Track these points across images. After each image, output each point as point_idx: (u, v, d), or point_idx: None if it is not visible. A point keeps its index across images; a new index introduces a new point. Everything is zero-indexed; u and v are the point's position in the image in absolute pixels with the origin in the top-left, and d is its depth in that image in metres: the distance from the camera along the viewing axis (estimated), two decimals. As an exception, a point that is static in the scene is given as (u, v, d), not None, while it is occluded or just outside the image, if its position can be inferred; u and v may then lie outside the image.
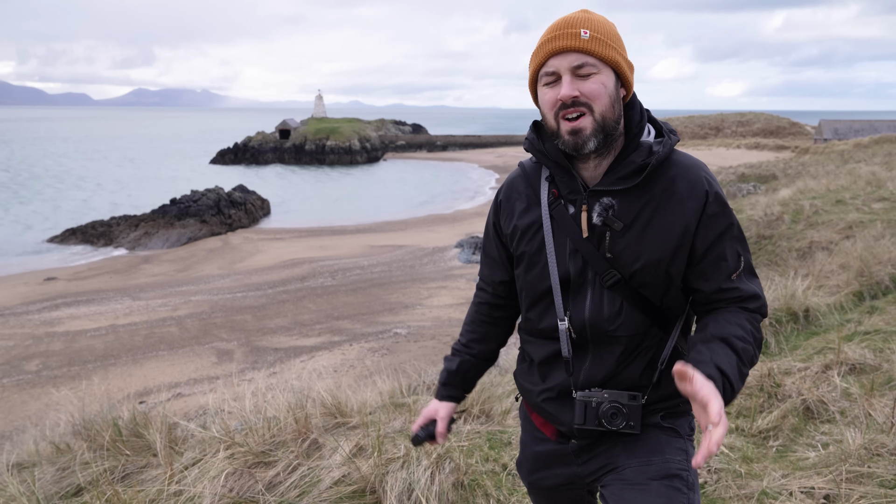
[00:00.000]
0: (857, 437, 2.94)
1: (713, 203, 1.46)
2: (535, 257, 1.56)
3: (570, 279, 1.52)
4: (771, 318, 5.16)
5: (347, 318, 16.40)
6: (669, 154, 1.49)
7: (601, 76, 1.40)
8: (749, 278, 1.50)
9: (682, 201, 1.45)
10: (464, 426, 3.72)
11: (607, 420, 1.51)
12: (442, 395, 1.82)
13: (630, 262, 1.47)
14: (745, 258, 1.50)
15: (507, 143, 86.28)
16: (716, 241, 1.47)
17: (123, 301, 18.68)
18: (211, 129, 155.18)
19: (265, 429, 3.26)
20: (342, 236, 28.80)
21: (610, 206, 1.46)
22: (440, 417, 1.79)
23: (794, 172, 26.32)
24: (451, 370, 1.81)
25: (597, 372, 1.54)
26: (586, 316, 1.51)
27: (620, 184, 1.45)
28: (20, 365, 13.71)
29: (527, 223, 1.57)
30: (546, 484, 1.72)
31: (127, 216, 30.57)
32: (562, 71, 1.40)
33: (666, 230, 1.45)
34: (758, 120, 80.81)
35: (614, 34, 1.44)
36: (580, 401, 1.53)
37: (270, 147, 69.98)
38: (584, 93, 1.39)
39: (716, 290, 1.49)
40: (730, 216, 1.49)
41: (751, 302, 1.49)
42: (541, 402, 1.65)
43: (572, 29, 1.39)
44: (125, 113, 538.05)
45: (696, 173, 1.48)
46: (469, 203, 39.00)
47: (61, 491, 3.20)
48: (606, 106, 1.41)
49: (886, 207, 11.62)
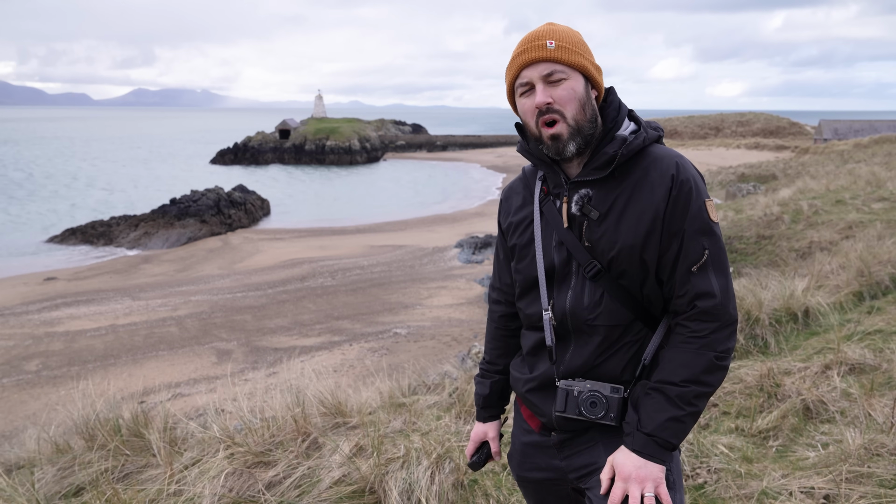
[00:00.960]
0: (857, 437, 2.94)
1: (680, 187, 1.49)
2: (525, 249, 1.66)
3: (555, 270, 1.59)
4: (771, 318, 5.15)
5: (347, 318, 16.40)
6: (646, 146, 1.55)
7: (570, 81, 1.51)
8: (712, 274, 1.50)
9: (652, 187, 1.51)
10: (464, 426, 3.73)
11: (586, 409, 1.55)
12: (484, 417, 1.91)
13: (607, 250, 1.53)
14: (710, 252, 1.49)
15: (507, 143, 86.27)
16: (679, 230, 1.50)
17: (123, 301, 18.68)
18: (211, 130, 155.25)
19: (265, 429, 3.26)
20: (342, 236, 28.80)
21: (586, 196, 1.54)
22: (491, 439, 1.89)
23: (793, 172, 26.34)
24: (486, 394, 1.89)
25: (577, 361, 1.59)
26: (567, 305, 1.58)
27: (595, 174, 1.54)
28: (20, 365, 13.71)
29: (520, 218, 1.69)
30: (533, 477, 1.77)
31: (127, 216, 30.55)
32: (534, 80, 1.52)
33: (638, 216, 1.50)
34: (758, 120, 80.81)
35: (579, 41, 1.54)
36: (562, 389, 1.59)
37: (270, 147, 69.98)
38: (556, 99, 1.50)
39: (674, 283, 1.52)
40: (698, 206, 1.50)
41: (703, 300, 1.49)
42: (526, 392, 1.72)
43: (539, 41, 1.51)
44: (125, 113, 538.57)
45: (669, 161, 1.52)
46: (469, 203, 39.00)
47: (61, 491, 3.20)
48: (577, 109, 1.51)
49: (886, 207, 11.62)
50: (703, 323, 1.49)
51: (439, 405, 4.29)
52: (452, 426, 3.75)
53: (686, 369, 1.48)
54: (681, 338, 1.51)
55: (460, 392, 4.36)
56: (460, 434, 3.53)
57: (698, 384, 1.47)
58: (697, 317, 1.49)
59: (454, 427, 3.72)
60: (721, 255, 1.51)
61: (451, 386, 4.77)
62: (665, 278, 1.54)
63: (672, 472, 1.54)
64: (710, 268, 1.50)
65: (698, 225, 1.49)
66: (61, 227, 30.15)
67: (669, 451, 1.49)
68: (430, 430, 3.64)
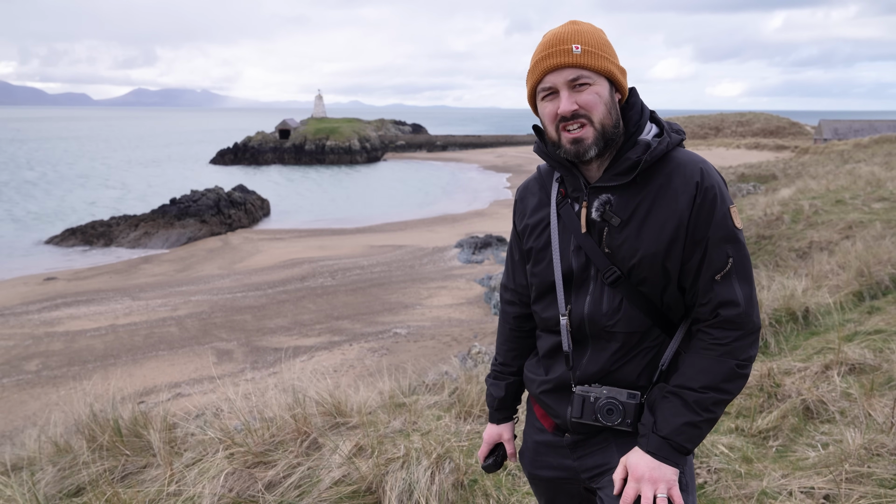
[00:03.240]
0: (857, 437, 2.94)
1: (704, 195, 1.46)
2: (541, 253, 1.63)
3: (573, 274, 1.57)
4: (771, 318, 5.16)
5: (347, 318, 16.39)
6: (669, 151, 1.51)
7: (596, 87, 1.47)
8: (736, 283, 1.47)
9: (676, 195, 1.47)
10: (464, 426, 3.72)
11: (603, 416, 1.54)
12: (498, 419, 1.88)
13: (628, 257, 1.50)
14: (734, 260, 1.47)
15: (507, 143, 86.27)
16: (703, 238, 1.47)
17: (123, 301, 18.67)
18: (211, 130, 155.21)
19: (265, 429, 3.26)
20: (342, 236, 28.79)
21: (608, 202, 1.51)
22: (506, 440, 1.88)
23: (793, 172, 26.33)
24: (501, 397, 1.86)
25: (594, 367, 1.57)
26: (585, 311, 1.56)
27: (617, 180, 1.50)
28: (20, 365, 13.71)
29: (536, 220, 1.65)
30: (544, 476, 1.76)
31: (127, 216, 30.53)
32: (559, 86, 1.48)
33: (661, 224, 1.47)
34: (758, 120, 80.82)
35: (604, 43, 1.50)
36: (578, 395, 1.57)
37: (270, 147, 69.94)
38: (581, 105, 1.47)
39: (698, 288, 1.49)
40: (722, 213, 1.47)
41: (726, 308, 1.46)
42: (539, 393, 1.71)
43: (564, 45, 1.46)
44: (126, 113, 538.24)
45: (693, 167, 1.49)
46: (469, 203, 38.97)
47: (61, 491, 3.20)
48: (604, 114, 1.47)
49: (886, 207, 11.62)
50: (726, 331, 1.47)
51: (439, 405, 4.29)
52: (452, 426, 3.75)
53: (706, 375, 1.46)
54: (702, 343, 1.49)
55: (460, 392, 4.36)
56: (460, 434, 3.53)
57: (717, 391, 1.46)
58: (720, 325, 1.47)
59: (454, 427, 3.72)
60: (745, 262, 1.48)
61: (451, 386, 4.77)
62: (688, 286, 1.52)
63: (685, 475, 1.53)
64: (734, 276, 1.47)
65: (723, 233, 1.46)
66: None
67: (684, 455, 1.48)
68: (430, 430, 3.64)
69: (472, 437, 3.49)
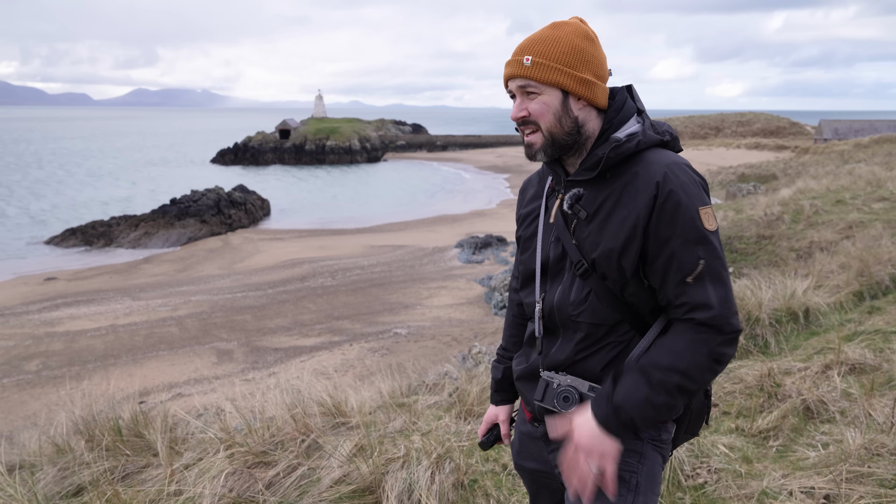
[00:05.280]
0: (857, 437, 2.94)
1: (667, 195, 1.44)
2: (528, 242, 1.72)
3: (549, 264, 1.64)
4: (771, 318, 5.15)
5: (347, 318, 16.40)
6: (641, 150, 1.51)
7: (544, 97, 1.53)
8: (709, 285, 1.44)
9: (637, 193, 1.48)
10: (464, 426, 3.72)
11: (559, 402, 1.57)
12: (496, 400, 1.96)
13: (591, 250, 1.54)
14: (706, 262, 1.44)
15: (507, 143, 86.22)
16: (669, 239, 1.45)
17: (123, 301, 18.68)
18: (211, 130, 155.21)
19: (265, 429, 3.26)
20: (342, 236, 28.80)
21: (578, 196, 1.56)
22: (501, 421, 1.95)
23: (794, 172, 26.34)
24: (499, 378, 1.95)
25: (561, 355, 1.61)
26: (555, 299, 1.61)
27: (585, 174, 1.56)
28: (20, 365, 13.71)
29: (528, 211, 1.75)
30: (528, 467, 1.83)
31: (127, 216, 30.53)
32: (515, 91, 1.57)
33: (621, 221, 1.49)
34: (758, 120, 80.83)
35: (563, 54, 1.51)
36: (543, 379, 1.63)
37: (270, 147, 69.96)
38: (531, 112, 1.54)
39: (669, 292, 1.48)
40: (689, 214, 1.44)
41: (699, 312, 1.43)
42: (517, 379, 1.78)
43: (518, 56, 1.54)
44: (126, 113, 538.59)
45: (658, 167, 1.47)
46: (469, 203, 38.98)
47: (62, 491, 3.20)
48: (551, 122, 1.53)
49: (886, 207, 11.62)
50: (702, 334, 1.44)
51: (439, 405, 4.29)
52: (452, 426, 3.75)
53: (675, 357, 1.44)
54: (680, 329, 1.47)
55: (460, 392, 4.36)
56: (460, 434, 3.53)
57: (683, 376, 1.43)
58: (695, 329, 1.45)
59: (454, 427, 3.72)
60: (717, 264, 1.45)
61: (451, 386, 4.77)
62: (657, 286, 1.50)
63: (637, 474, 1.54)
64: (706, 278, 1.44)
65: (691, 234, 1.43)
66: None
67: (629, 432, 1.47)
68: (431, 430, 3.64)
69: (472, 437, 3.49)
